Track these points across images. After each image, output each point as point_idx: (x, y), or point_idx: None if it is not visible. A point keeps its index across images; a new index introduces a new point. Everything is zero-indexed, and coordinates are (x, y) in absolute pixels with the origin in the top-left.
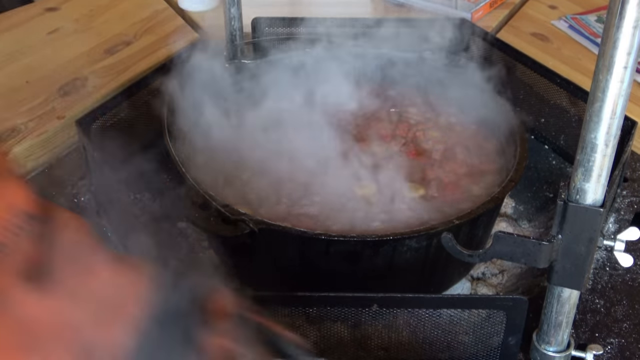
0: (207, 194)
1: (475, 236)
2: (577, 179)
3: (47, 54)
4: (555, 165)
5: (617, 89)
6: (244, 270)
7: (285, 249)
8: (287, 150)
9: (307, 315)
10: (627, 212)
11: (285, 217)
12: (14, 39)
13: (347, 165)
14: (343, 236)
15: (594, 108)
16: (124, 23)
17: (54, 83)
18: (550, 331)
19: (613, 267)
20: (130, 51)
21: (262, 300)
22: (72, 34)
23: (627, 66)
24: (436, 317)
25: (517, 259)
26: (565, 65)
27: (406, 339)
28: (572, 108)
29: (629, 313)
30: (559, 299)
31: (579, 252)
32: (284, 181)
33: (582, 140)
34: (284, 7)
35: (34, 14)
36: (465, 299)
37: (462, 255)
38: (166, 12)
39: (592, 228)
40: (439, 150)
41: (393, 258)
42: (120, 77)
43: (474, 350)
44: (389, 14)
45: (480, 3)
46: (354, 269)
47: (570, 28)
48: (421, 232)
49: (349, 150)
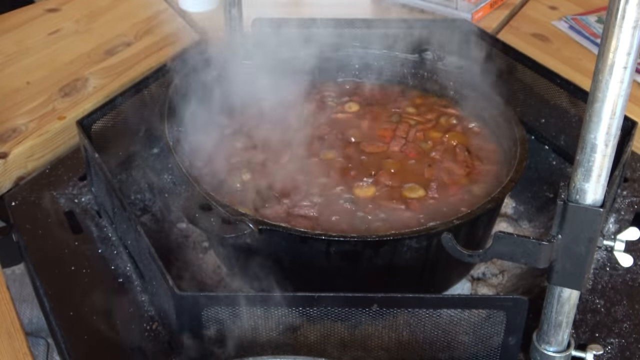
0: (208, 194)
1: (475, 236)
2: (577, 179)
3: (48, 55)
4: (555, 165)
5: (617, 89)
6: (244, 270)
7: (285, 249)
8: (288, 150)
9: (307, 315)
10: (627, 212)
11: (285, 218)
12: (14, 40)
13: (347, 165)
14: (343, 236)
15: (594, 108)
16: (125, 24)
17: (54, 84)
18: (550, 331)
19: (613, 267)
20: (131, 52)
21: (262, 300)
22: (72, 34)
23: (627, 66)
24: (436, 317)
25: (517, 259)
26: (565, 66)
27: (406, 339)
28: (572, 108)
29: (629, 313)
30: (559, 299)
31: (578, 252)
32: (285, 181)
33: (582, 140)
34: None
35: (35, 14)
36: (466, 299)
37: (462, 256)
38: (166, 13)
39: (592, 228)
40: (439, 150)
41: (393, 258)
42: (120, 77)
43: (474, 350)
44: (389, 14)
45: (480, 4)
46: (354, 269)
47: (570, 29)
48: (421, 232)
49: (349, 150)
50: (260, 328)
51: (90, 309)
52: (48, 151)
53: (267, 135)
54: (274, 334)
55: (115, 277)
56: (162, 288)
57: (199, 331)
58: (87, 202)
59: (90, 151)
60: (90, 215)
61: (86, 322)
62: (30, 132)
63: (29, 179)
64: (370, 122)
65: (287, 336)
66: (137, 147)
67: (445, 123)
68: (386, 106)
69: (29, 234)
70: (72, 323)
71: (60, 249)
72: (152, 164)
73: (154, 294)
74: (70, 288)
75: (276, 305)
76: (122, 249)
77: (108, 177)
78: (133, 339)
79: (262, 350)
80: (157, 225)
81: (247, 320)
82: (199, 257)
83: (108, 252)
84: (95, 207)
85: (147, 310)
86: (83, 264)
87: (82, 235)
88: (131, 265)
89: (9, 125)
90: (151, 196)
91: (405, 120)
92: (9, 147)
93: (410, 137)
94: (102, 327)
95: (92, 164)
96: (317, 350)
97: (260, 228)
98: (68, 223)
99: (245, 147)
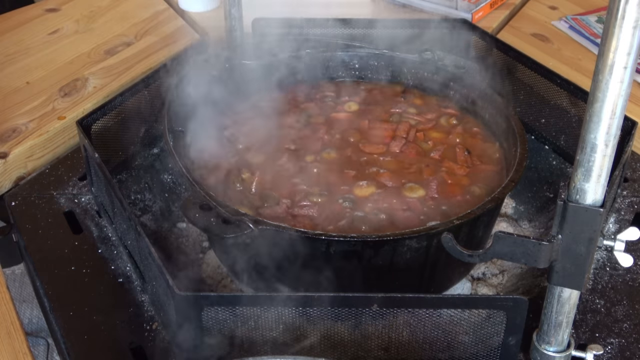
0: (208, 194)
1: (475, 236)
2: (577, 179)
3: (48, 55)
4: (555, 165)
5: (617, 89)
6: (244, 270)
7: (285, 249)
8: (288, 150)
9: (307, 315)
10: (627, 212)
11: (285, 218)
12: (14, 40)
13: (347, 165)
14: (343, 236)
15: (594, 108)
16: (125, 24)
17: (54, 84)
18: (550, 331)
19: (613, 267)
20: (131, 52)
21: (262, 300)
22: (72, 34)
23: (627, 66)
24: (436, 317)
25: (517, 259)
26: (565, 66)
27: (406, 339)
28: (572, 108)
29: (629, 313)
30: (559, 299)
31: (579, 252)
32: (285, 181)
33: (582, 140)
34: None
35: (35, 14)
36: (466, 299)
37: (462, 256)
38: (167, 13)
39: (592, 228)
40: (439, 150)
41: (393, 258)
42: (120, 77)
43: (474, 350)
44: (389, 14)
45: (480, 4)
46: (353, 269)
47: (570, 29)
48: (421, 232)
49: (349, 150)
50: (260, 328)
51: (90, 309)
52: (48, 151)
53: (267, 135)
54: (274, 334)
55: (115, 277)
56: (162, 288)
57: (199, 331)
58: (87, 202)
59: (90, 151)
60: (90, 215)
61: (86, 322)
62: (30, 132)
63: (29, 179)
64: (370, 122)
65: (287, 336)
66: (137, 147)
67: (445, 123)
68: (386, 106)
69: (29, 234)
70: (72, 323)
71: (60, 249)
72: (152, 164)
73: (154, 294)
74: (70, 288)
75: (276, 305)
76: (122, 249)
77: (108, 177)
78: (133, 339)
79: (262, 350)
80: (157, 225)
81: (247, 320)
82: (199, 257)
83: (108, 252)
84: (95, 207)
85: (147, 310)
86: (83, 264)
87: (82, 235)
88: (131, 265)
89: (9, 125)
90: (151, 196)
91: (405, 120)
92: (9, 147)
93: (411, 137)
94: (102, 327)
95: (92, 164)
96: (317, 350)
97: (260, 228)
98: (68, 223)
99: (245, 147)
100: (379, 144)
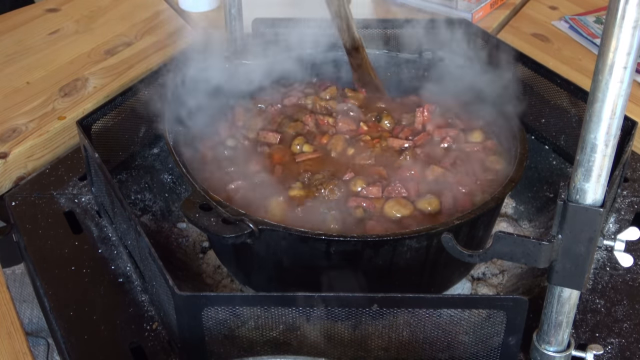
0: (208, 194)
1: (475, 236)
2: (577, 179)
3: (48, 55)
4: (555, 165)
5: (617, 89)
6: (244, 270)
7: (285, 249)
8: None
9: (307, 315)
10: (627, 212)
11: (285, 218)
12: (14, 40)
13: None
14: (343, 236)
15: (594, 108)
16: (125, 24)
17: (54, 84)
18: (550, 331)
19: (613, 267)
20: (131, 52)
21: (262, 300)
22: (72, 34)
23: (626, 66)
24: (436, 317)
25: (517, 259)
26: (565, 66)
27: (406, 339)
28: (572, 108)
29: (629, 313)
30: (559, 299)
31: (579, 252)
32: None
33: (582, 140)
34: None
35: (35, 15)
36: (466, 299)
37: (462, 256)
38: (167, 13)
39: (592, 228)
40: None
41: (393, 258)
42: (121, 77)
43: (474, 350)
44: (389, 14)
45: (480, 4)
46: (353, 269)
47: (570, 29)
48: (421, 232)
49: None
50: (260, 328)
51: (90, 309)
52: (48, 151)
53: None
54: (274, 334)
55: (115, 277)
56: (162, 288)
57: (199, 331)
58: (87, 202)
59: (90, 151)
60: (90, 215)
61: (86, 322)
62: (30, 132)
63: (29, 179)
64: (370, 122)
65: (287, 336)
66: (137, 147)
67: (445, 123)
68: (386, 107)
69: (29, 234)
70: (72, 323)
71: (60, 249)
72: (152, 164)
73: (154, 294)
74: (70, 288)
75: (276, 305)
76: (122, 249)
77: (108, 177)
78: (133, 339)
79: (262, 350)
80: (157, 225)
81: (247, 320)
82: (198, 257)
83: (108, 252)
84: (95, 207)
85: (147, 310)
86: (83, 264)
87: (82, 235)
88: (131, 265)
89: (9, 125)
90: (151, 196)
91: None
92: (9, 147)
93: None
94: (102, 327)
95: (92, 164)
96: (317, 350)
97: (260, 228)
98: (68, 223)
99: (245, 147)
100: (379, 145)
